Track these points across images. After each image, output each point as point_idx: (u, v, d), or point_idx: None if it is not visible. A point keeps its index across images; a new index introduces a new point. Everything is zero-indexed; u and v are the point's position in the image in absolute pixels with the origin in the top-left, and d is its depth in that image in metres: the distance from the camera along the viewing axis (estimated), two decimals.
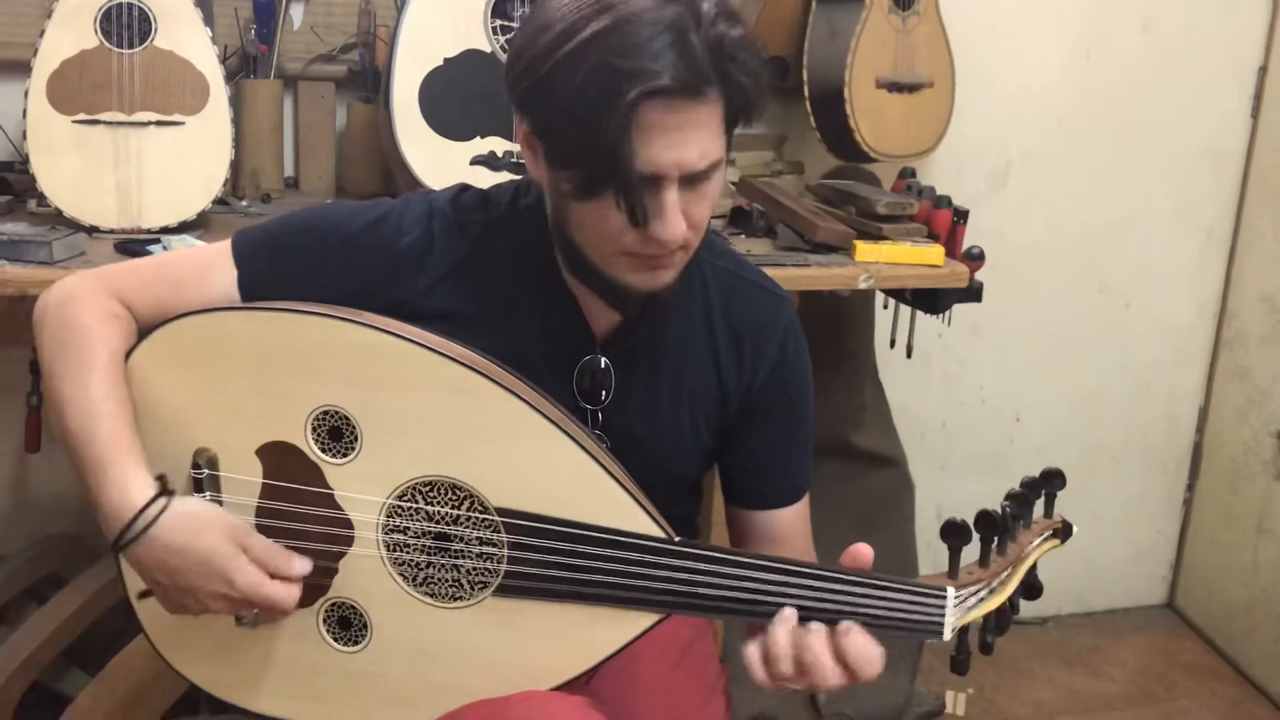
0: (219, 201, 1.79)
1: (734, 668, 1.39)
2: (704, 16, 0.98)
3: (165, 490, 1.06)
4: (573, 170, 1.02)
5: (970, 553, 1.08)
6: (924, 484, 2.44)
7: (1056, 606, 2.81)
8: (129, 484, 1.04)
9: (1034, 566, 1.12)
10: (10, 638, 1.89)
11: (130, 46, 1.69)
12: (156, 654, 1.21)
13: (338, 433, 1.10)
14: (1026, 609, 2.89)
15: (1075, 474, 2.91)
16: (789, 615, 1.04)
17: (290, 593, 1.09)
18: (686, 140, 1.00)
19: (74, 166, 1.68)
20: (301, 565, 1.10)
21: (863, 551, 1.06)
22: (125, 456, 1.05)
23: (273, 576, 1.08)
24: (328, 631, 1.15)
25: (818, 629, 1.04)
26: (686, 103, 0.98)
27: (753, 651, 1.05)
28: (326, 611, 1.14)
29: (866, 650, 1.03)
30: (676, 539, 1.08)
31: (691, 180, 1.03)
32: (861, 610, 1.04)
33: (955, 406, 2.66)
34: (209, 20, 1.76)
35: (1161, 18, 2.51)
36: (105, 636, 1.97)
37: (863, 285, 1.83)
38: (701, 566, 1.06)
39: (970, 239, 1.94)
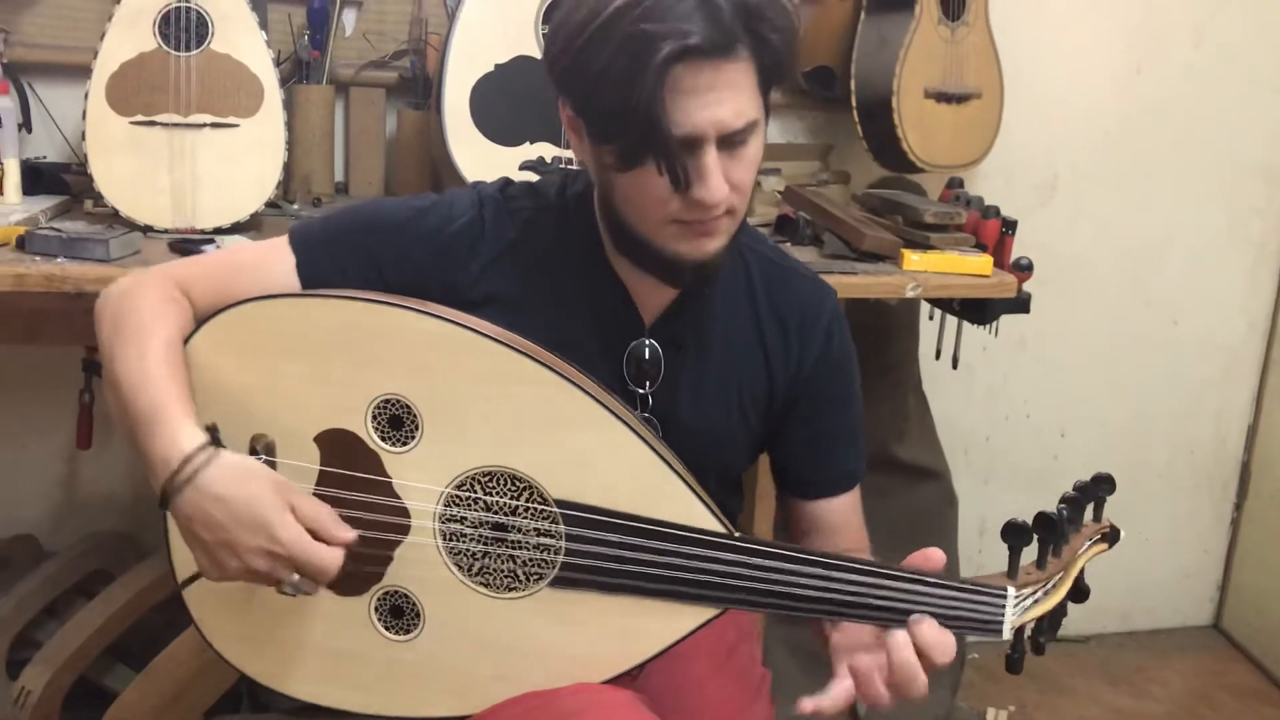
0: (270, 204, 1.81)
1: (774, 679, 1.38)
2: None
3: (215, 441, 1.04)
4: (613, 142, 1.04)
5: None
6: (967, 498, 2.42)
7: (1100, 625, 2.78)
8: (178, 433, 1.03)
9: (1082, 570, 1.11)
10: (59, 633, 1.92)
11: (187, 49, 1.71)
12: (205, 642, 1.21)
13: (398, 421, 1.10)
14: (1070, 626, 2.86)
15: (1121, 492, 2.87)
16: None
17: (335, 557, 1.05)
18: (721, 100, 1.01)
19: (131, 167, 1.70)
20: (347, 533, 1.06)
21: (935, 555, 1.06)
22: (175, 410, 1.04)
23: (318, 539, 1.05)
24: (379, 620, 1.15)
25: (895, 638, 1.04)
26: (718, 62, 1.00)
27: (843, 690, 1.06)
28: (379, 600, 1.15)
29: (941, 637, 1.03)
30: (736, 534, 1.08)
31: (729, 141, 1.04)
32: (926, 609, 1.04)
33: (999, 421, 2.64)
34: (264, 25, 1.78)
35: (1212, 32, 2.50)
36: (150, 633, 1.99)
37: (910, 293, 1.82)
38: (763, 563, 1.06)
39: (1017, 251, 1.93)
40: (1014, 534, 1.05)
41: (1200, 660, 2.72)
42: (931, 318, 2.17)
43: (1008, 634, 1.05)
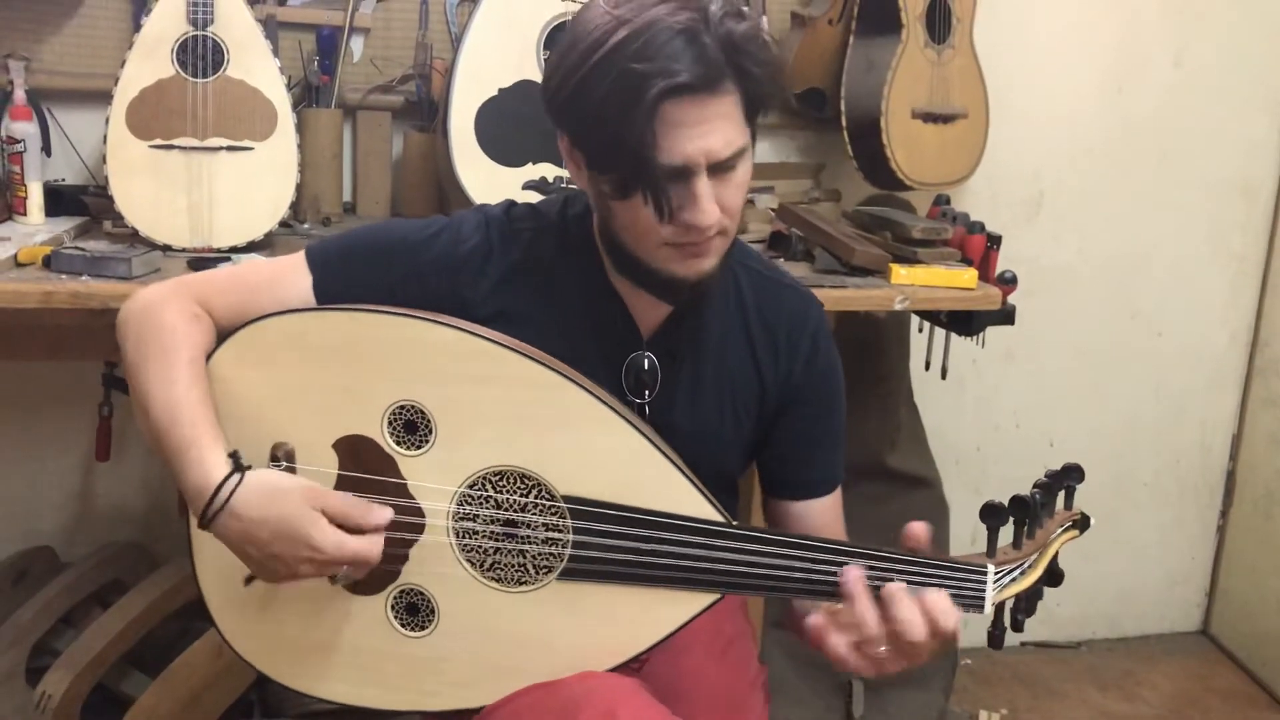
0: (282, 224, 1.88)
1: (772, 675, 1.44)
2: (712, 17, 1.08)
3: (239, 466, 1.12)
4: (609, 172, 1.12)
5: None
6: (958, 508, 2.47)
7: (1090, 631, 2.83)
8: (207, 463, 1.11)
9: (1056, 554, 1.18)
10: (77, 640, 1.97)
11: (204, 76, 1.78)
12: (225, 644, 1.27)
13: (412, 426, 1.17)
14: (1060, 633, 2.89)
15: (1109, 500, 2.94)
16: (858, 585, 1.09)
17: (374, 544, 1.13)
18: (710, 131, 1.09)
19: (150, 189, 1.77)
20: (381, 514, 1.14)
21: (919, 528, 1.12)
22: (206, 440, 1.12)
23: (355, 531, 1.13)
24: (395, 618, 1.21)
25: (894, 589, 1.08)
26: (705, 97, 1.08)
27: (837, 641, 1.09)
28: (395, 598, 1.21)
29: (943, 601, 1.07)
30: (734, 522, 1.14)
31: (719, 168, 1.11)
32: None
33: (989, 431, 2.70)
34: (276, 52, 1.85)
35: (1193, 51, 2.57)
36: (166, 640, 2.05)
37: (898, 306, 1.89)
38: (757, 548, 1.13)
39: (1003, 266, 2.00)
40: (991, 514, 1.12)
41: (1188, 665, 2.78)
42: (921, 330, 2.24)
43: (989, 609, 1.12)
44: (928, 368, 2.18)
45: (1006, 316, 2.00)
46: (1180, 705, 2.60)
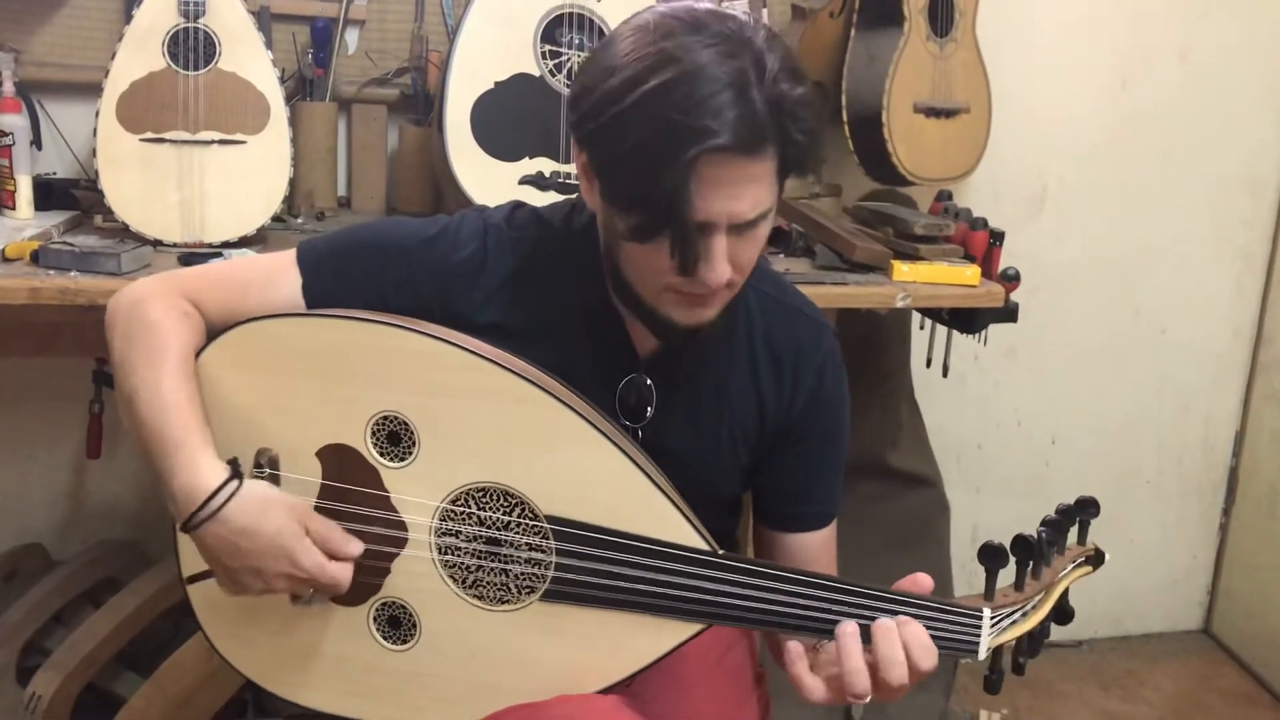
0: (275, 219, 1.85)
1: (773, 678, 1.42)
2: (766, 73, 1.00)
3: (236, 474, 1.10)
4: (629, 214, 1.06)
5: (1004, 576, 1.11)
6: (959, 505, 2.46)
7: (1092, 630, 2.82)
8: (200, 468, 1.09)
9: (1066, 591, 1.13)
10: (68, 640, 1.95)
11: (196, 69, 1.75)
12: (211, 647, 1.26)
13: (396, 437, 1.15)
14: (1061, 631, 2.89)
15: (1111, 498, 2.93)
16: (852, 631, 1.07)
17: (347, 572, 1.13)
18: (741, 194, 1.03)
19: (140, 183, 1.74)
20: (356, 547, 1.14)
21: (923, 580, 1.09)
22: (196, 442, 1.10)
23: (330, 557, 1.12)
24: (378, 630, 1.19)
25: (882, 625, 1.06)
26: (743, 159, 1.01)
27: (813, 683, 1.08)
28: (377, 610, 1.19)
29: (924, 638, 1.05)
30: (720, 552, 1.11)
31: (740, 227, 1.06)
32: None
33: (991, 428, 2.68)
34: (269, 44, 1.82)
35: (1198, 47, 2.53)
36: (158, 640, 2.03)
37: (900, 304, 1.86)
38: (743, 580, 1.10)
39: (1006, 262, 1.97)
40: (990, 556, 1.06)
41: (1190, 664, 2.76)
42: (922, 327, 2.22)
43: (983, 655, 1.07)
44: (929, 365, 2.16)
45: (1009, 314, 1.97)
46: (1182, 705, 2.58)
